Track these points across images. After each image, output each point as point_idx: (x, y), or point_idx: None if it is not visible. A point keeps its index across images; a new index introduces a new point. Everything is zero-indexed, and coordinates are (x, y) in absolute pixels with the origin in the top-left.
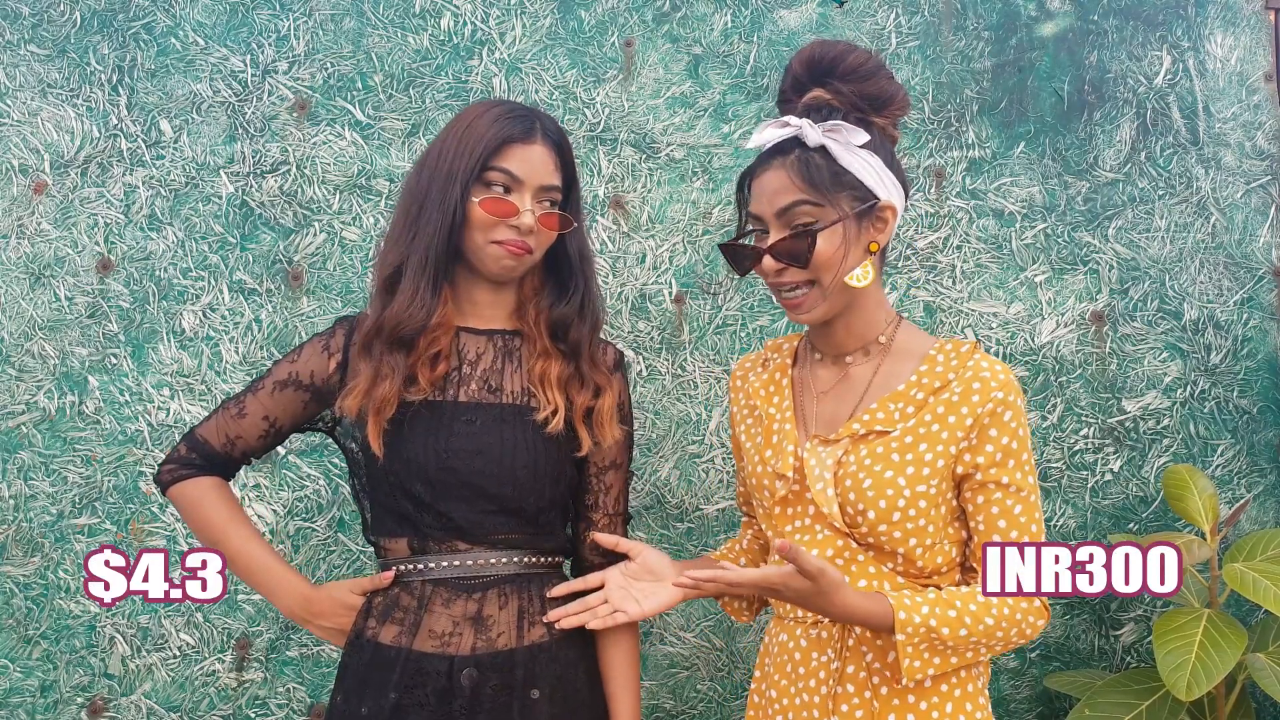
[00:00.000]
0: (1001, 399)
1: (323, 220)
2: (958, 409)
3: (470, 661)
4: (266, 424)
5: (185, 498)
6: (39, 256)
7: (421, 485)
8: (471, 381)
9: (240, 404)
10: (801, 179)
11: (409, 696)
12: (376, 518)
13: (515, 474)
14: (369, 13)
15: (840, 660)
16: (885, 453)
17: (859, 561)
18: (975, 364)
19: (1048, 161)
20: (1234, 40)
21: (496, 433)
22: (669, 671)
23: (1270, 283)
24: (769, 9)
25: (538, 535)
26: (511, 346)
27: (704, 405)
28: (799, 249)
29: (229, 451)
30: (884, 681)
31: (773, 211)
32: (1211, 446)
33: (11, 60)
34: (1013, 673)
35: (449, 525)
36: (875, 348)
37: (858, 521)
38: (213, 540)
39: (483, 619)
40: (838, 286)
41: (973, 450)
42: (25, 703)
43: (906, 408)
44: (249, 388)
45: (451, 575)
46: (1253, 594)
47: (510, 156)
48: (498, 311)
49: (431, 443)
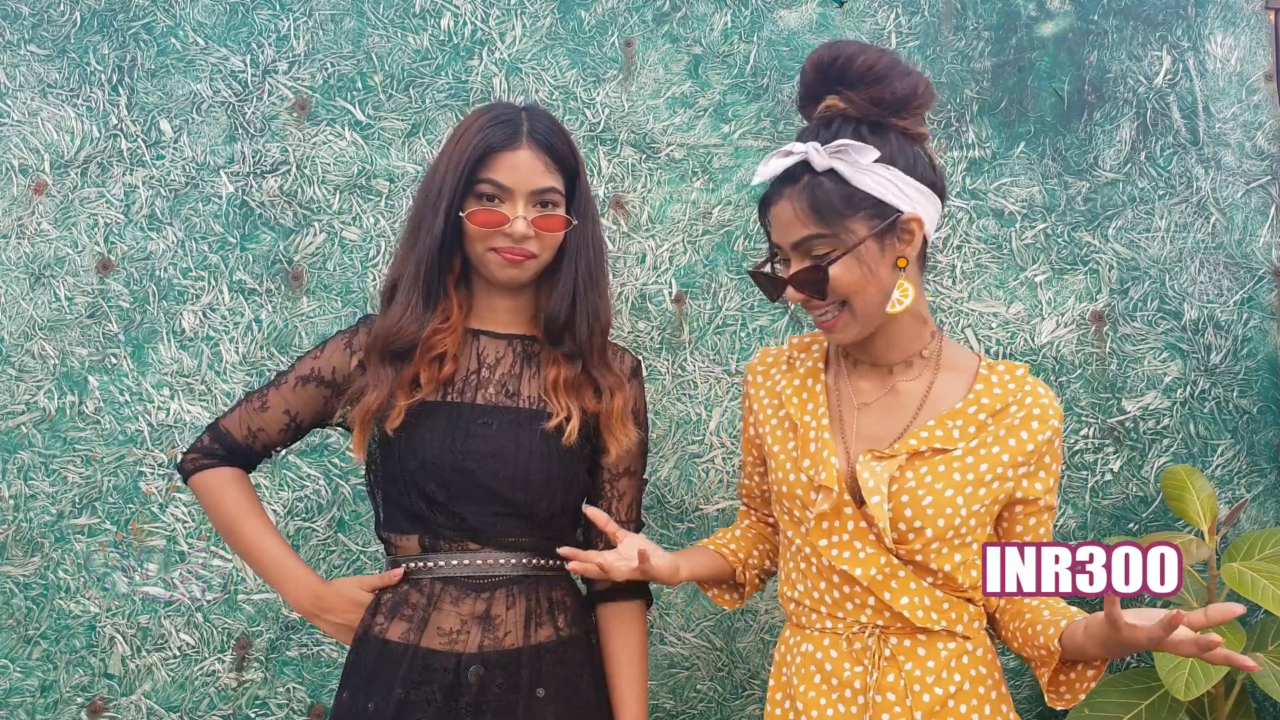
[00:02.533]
0: (1057, 428)
1: (323, 220)
2: (1018, 433)
3: (476, 659)
4: (288, 418)
5: (205, 487)
6: (39, 256)
7: (436, 485)
8: (490, 385)
9: (264, 397)
10: (810, 210)
11: (416, 693)
12: (389, 515)
13: (529, 479)
14: (369, 13)
15: (878, 671)
16: (947, 471)
17: (899, 577)
18: (1034, 389)
19: (1048, 161)
20: (1234, 40)
21: (512, 437)
22: (669, 671)
23: (1270, 283)
24: (769, 9)
25: (549, 539)
26: (531, 352)
27: (704, 405)
28: (815, 280)
29: (250, 443)
30: (925, 689)
31: (788, 244)
32: (1211, 446)
33: (11, 60)
34: (1013, 673)
35: (461, 526)
36: (919, 362)
37: (909, 538)
38: (228, 530)
39: (490, 618)
40: (868, 308)
41: (1030, 476)
42: (25, 703)
43: (968, 427)
44: (273, 381)
45: (461, 574)
46: (1251, 593)
47: (496, 166)
48: (518, 317)
49: (448, 444)
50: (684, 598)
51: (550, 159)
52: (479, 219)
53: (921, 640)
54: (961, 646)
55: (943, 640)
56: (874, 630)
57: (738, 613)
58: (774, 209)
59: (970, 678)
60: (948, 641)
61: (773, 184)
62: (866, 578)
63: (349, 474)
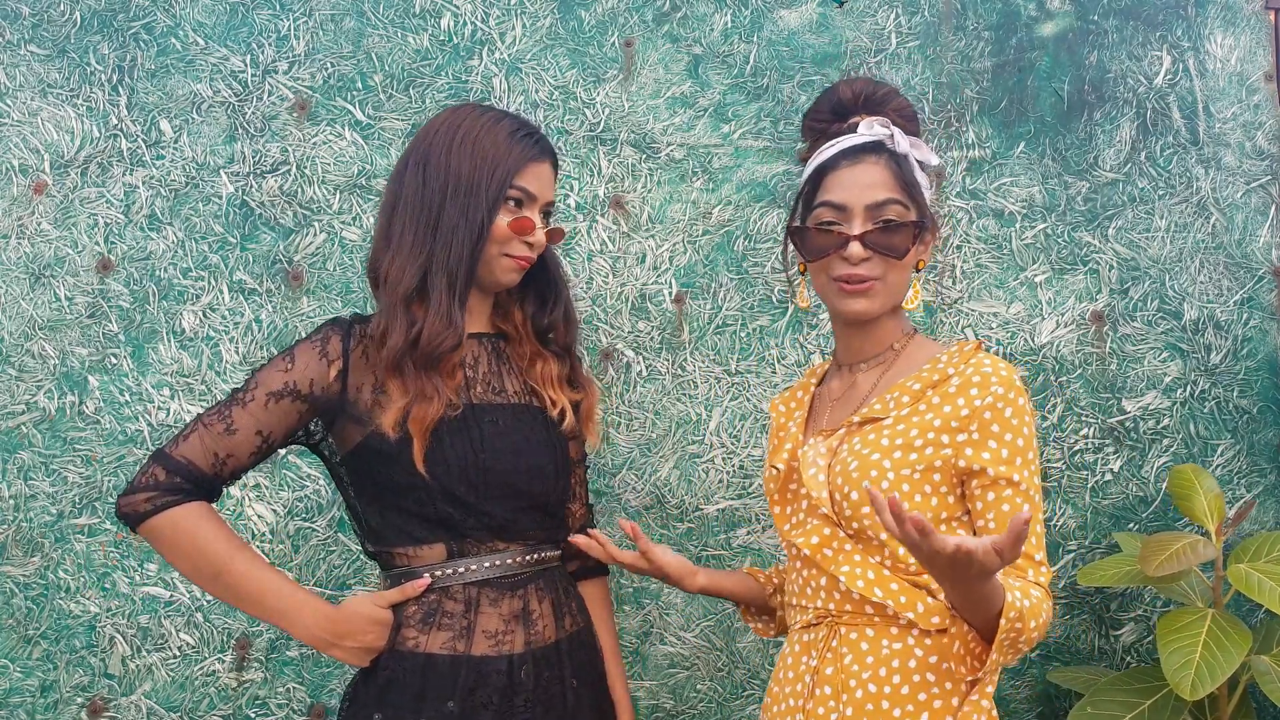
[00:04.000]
0: (1003, 394)
1: (323, 220)
2: (954, 400)
3: (526, 658)
4: (260, 439)
5: (175, 528)
6: (39, 256)
7: (465, 488)
8: (477, 384)
9: (226, 419)
10: (895, 179)
11: (472, 700)
12: (393, 526)
13: (544, 469)
14: (369, 13)
15: (821, 662)
16: (876, 438)
17: (845, 552)
18: (978, 361)
19: (1048, 161)
20: (1234, 40)
21: (521, 431)
22: (669, 671)
23: (1270, 283)
24: (769, 9)
25: (557, 529)
26: (499, 349)
27: (704, 405)
28: (895, 241)
29: (218, 472)
30: (859, 685)
31: (864, 204)
32: (1211, 446)
33: (11, 60)
34: (1013, 673)
35: (489, 525)
36: (888, 355)
37: (844, 507)
38: (214, 573)
39: (529, 614)
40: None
41: (975, 445)
42: (25, 703)
43: (903, 397)
44: (231, 400)
45: (494, 575)
46: (1257, 594)
47: (529, 175)
48: (481, 316)
49: (468, 445)
50: (684, 598)
51: (554, 174)
52: (514, 226)
53: (869, 636)
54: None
55: (890, 637)
56: (829, 619)
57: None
58: (852, 170)
59: (913, 683)
60: (894, 640)
61: (844, 152)
62: (815, 550)
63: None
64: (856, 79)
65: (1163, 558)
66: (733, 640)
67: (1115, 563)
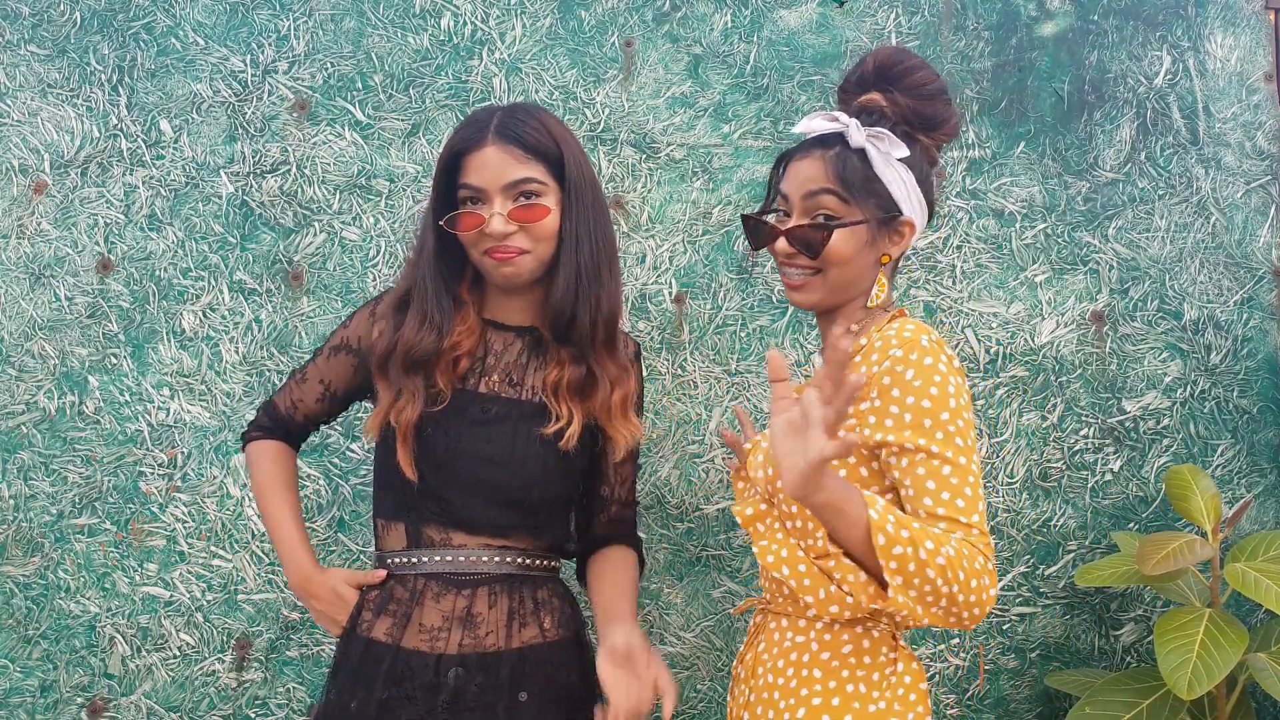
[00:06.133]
0: (900, 357)
1: (323, 220)
2: (858, 369)
3: (456, 660)
4: (322, 387)
5: (249, 457)
6: (39, 256)
7: (428, 468)
8: (494, 373)
9: (304, 370)
10: (835, 173)
11: (397, 690)
12: (379, 500)
13: (524, 467)
14: (369, 13)
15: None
16: None
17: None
18: (897, 330)
19: (1048, 161)
20: (1234, 40)
21: (510, 425)
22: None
23: (1270, 283)
24: (769, 9)
25: (537, 529)
26: (541, 342)
27: (704, 405)
28: (815, 239)
29: (292, 414)
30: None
31: (799, 195)
32: (1211, 446)
33: (11, 60)
34: (1013, 673)
35: (448, 513)
36: None
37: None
38: (258, 500)
39: (472, 616)
40: (839, 283)
41: (877, 413)
42: (25, 703)
43: None
44: (313, 355)
45: (444, 570)
46: (1254, 593)
47: (467, 169)
48: (529, 312)
49: (440, 429)
50: (684, 598)
51: (521, 149)
52: (459, 225)
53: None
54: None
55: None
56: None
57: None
58: (799, 162)
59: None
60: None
61: (803, 143)
62: (747, 522)
63: (349, 474)
64: (885, 48)
65: (1159, 557)
66: (733, 640)
67: (1114, 563)
